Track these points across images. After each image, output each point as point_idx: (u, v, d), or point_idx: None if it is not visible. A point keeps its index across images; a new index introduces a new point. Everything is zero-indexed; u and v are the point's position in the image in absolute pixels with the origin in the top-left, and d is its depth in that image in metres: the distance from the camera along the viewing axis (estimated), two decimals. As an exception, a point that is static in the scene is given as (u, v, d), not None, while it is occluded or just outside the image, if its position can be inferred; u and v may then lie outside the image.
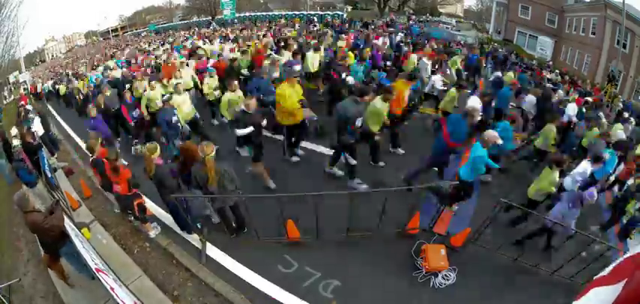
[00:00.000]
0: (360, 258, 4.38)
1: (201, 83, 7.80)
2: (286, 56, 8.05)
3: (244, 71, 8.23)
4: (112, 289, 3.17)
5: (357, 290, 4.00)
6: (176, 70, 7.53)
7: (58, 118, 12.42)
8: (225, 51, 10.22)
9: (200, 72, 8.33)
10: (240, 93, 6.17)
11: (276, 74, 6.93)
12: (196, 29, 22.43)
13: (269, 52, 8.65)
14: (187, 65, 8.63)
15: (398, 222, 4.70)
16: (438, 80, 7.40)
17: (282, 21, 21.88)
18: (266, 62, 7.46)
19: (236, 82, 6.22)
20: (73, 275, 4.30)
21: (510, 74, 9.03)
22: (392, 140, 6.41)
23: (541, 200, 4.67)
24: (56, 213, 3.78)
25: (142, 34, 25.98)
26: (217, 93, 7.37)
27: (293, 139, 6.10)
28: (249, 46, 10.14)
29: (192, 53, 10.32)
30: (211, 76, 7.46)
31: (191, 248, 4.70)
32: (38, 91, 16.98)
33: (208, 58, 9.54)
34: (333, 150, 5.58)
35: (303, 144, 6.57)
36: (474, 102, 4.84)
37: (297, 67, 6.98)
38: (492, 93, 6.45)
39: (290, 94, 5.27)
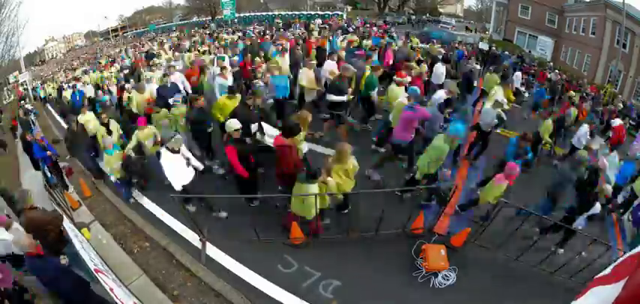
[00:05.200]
0: (360, 258, 4.38)
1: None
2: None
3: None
4: (111, 289, 3.17)
5: (357, 290, 4.00)
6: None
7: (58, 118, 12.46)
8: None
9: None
10: None
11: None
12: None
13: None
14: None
15: (398, 223, 4.71)
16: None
17: (278, 21, 21.91)
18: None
19: None
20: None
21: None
22: None
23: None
24: (55, 212, 3.80)
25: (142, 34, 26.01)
26: None
27: None
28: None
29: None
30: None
31: (191, 248, 4.70)
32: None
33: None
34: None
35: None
36: None
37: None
38: None
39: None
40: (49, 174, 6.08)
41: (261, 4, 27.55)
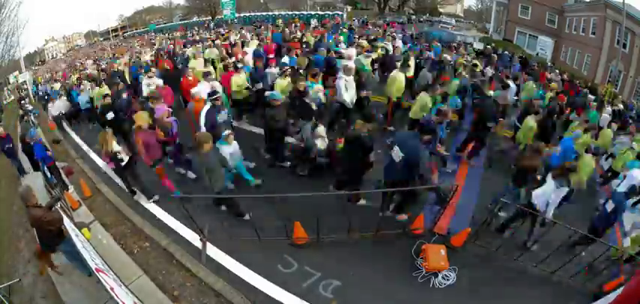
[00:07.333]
0: (360, 258, 4.38)
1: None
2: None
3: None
4: (112, 289, 3.17)
5: (357, 290, 4.00)
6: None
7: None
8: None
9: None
10: None
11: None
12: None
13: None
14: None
15: (398, 223, 4.71)
16: None
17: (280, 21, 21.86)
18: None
19: None
20: (74, 273, 4.31)
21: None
22: None
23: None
24: (56, 211, 3.83)
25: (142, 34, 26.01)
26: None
27: None
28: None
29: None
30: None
31: (191, 248, 4.70)
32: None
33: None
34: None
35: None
36: None
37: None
38: None
39: None
40: (49, 175, 6.08)
41: (261, 4, 27.55)
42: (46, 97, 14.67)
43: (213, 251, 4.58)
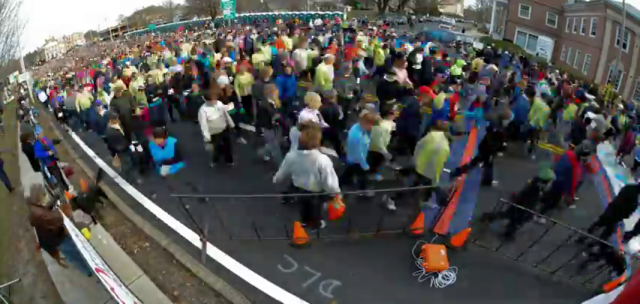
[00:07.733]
0: (360, 258, 4.38)
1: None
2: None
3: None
4: (112, 289, 3.17)
5: (357, 290, 4.00)
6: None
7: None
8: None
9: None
10: None
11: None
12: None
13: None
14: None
15: (398, 223, 4.71)
16: None
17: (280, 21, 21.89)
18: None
19: None
20: (74, 273, 4.32)
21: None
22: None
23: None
24: (55, 210, 3.86)
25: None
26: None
27: None
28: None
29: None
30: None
31: (191, 248, 4.69)
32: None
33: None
34: None
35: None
36: None
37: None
38: None
39: None
40: (49, 174, 6.09)
41: (261, 4, 27.56)
42: (60, 113, 10.92)
43: (213, 251, 4.58)
